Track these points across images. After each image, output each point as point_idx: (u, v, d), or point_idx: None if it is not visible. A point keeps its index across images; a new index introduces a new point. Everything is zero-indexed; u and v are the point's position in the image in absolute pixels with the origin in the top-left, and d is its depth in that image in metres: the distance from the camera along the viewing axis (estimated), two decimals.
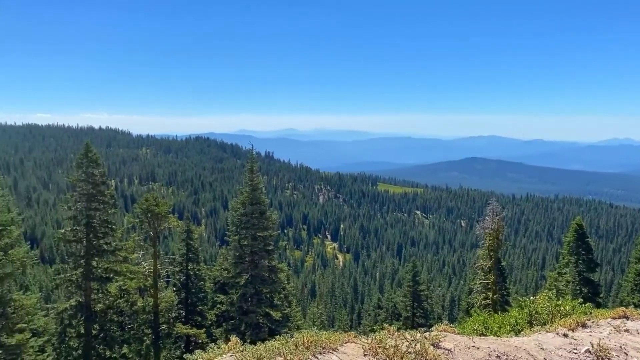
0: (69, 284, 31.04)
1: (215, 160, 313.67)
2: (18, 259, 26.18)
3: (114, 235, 31.41)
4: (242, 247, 35.27)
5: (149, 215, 33.08)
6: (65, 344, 31.00)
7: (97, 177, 30.80)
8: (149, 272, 33.82)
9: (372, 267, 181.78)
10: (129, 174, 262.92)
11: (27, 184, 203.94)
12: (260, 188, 35.89)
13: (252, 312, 34.50)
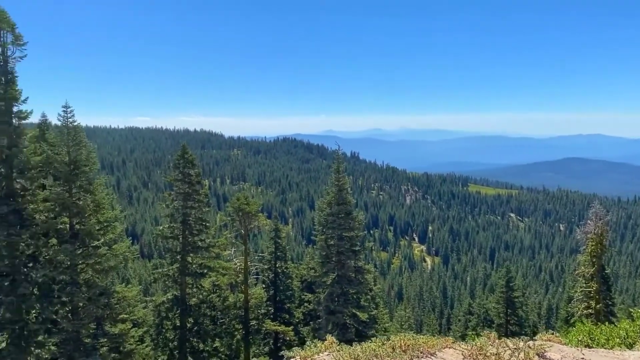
0: (166, 278, 32.73)
1: (302, 161, 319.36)
2: (121, 253, 28.00)
3: (207, 233, 32.70)
4: (329, 247, 35.34)
5: (240, 213, 34.10)
6: (162, 336, 32.73)
7: (192, 177, 32.22)
8: (240, 268, 34.85)
9: (462, 271, 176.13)
10: (221, 174, 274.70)
11: (129, 183, 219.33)
12: (346, 188, 35.79)
13: (339, 312, 34.47)
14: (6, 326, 25.35)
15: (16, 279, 25.60)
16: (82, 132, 28.46)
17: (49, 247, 26.42)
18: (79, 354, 26.19)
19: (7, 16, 26.32)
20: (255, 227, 36.39)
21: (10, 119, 26.75)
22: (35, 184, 27.52)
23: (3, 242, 25.63)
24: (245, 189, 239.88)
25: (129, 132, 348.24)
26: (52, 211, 27.12)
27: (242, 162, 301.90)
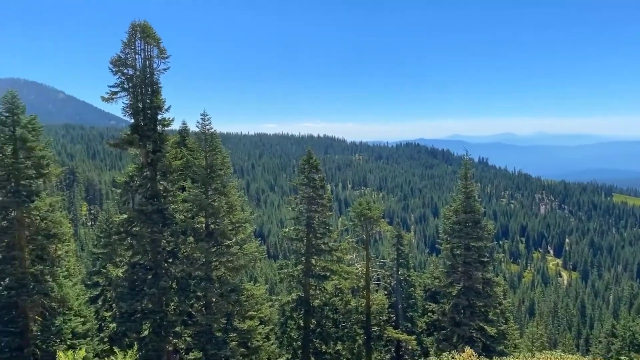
0: (291, 278, 33.74)
1: (426, 167, 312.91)
2: (250, 252, 29.39)
3: (330, 236, 33.17)
4: (455, 256, 33.97)
5: (362, 218, 34.09)
6: (286, 335, 33.76)
7: (317, 182, 32.90)
8: (362, 273, 34.80)
9: (604, 289, 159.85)
10: (343, 179, 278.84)
11: (257, 186, 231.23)
12: (474, 196, 34.18)
13: (465, 325, 32.94)
14: (149, 316, 27.82)
15: (158, 273, 28.02)
16: (218, 139, 30.41)
17: (187, 244, 28.56)
18: (211, 346, 27.90)
19: (153, 32, 29.01)
20: (376, 232, 36.17)
21: (155, 126, 29.43)
22: (176, 186, 29.96)
23: (148, 239, 28.22)
24: (367, 194, 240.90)
25: (257, 138, 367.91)
26: (190, 211, 29.30)
27: (364, 167, 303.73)
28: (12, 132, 26.70)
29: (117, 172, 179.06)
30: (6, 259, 26.34)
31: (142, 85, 28.82)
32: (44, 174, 27.95)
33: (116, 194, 31.38)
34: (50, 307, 27.80)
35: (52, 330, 27.17)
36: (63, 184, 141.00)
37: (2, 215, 26.78)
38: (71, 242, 30.94)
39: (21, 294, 25.83)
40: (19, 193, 26.46)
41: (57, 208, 28.66)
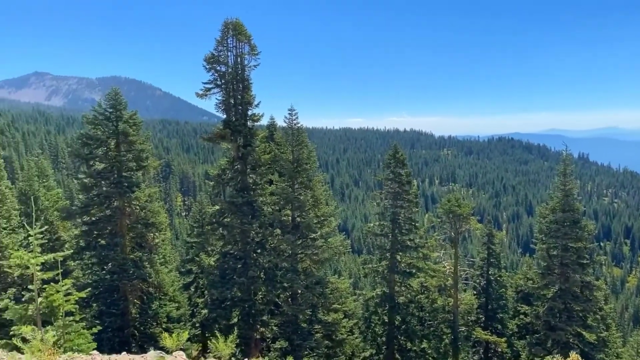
0: (375, 274, 33.45)
1: (519, 162, 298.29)
2: (335, 246, 29.47)
3: (416, 233, 32.46)
4: (551, 257, 31.96)
5: (450, 215, 32.99)
6: (371, 330, 33.55)
7: (403, 177, 32.29)
8: (449, 272, 33.74)
9: None
10: (430, 174, 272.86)
11: (341, 181, 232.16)
12: (573, 193, 31.91)
13: (560, 330, 30.95)
14: (238, 304, 28.77)
15: (247, 262, 28.87)
16: (304, 133, 30.71)
17: (274, 236, 29.17)
18: (296, 336, 28.36)
19: (244, 29, 29.78)
20: (465, 230, 34.85)
21: (246, 121, 30.29)
22: (264, 179, 30.68)
23: (238, 229, 29.15)
24: (455, 190, 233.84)
25: (342, 132, 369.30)
26: (277, 204, 29.88)
27: (452, 162, 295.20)
28: (115, 127, 28.59)
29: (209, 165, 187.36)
30: (109, 245, 28.33)
31: (234, 82, 29.72)
32: (144, 167, 29.71)
33: (209, 186, 32.73)
34: (148, 291, 29.59)
35: (150, 314, 28.92)
36: (160, 176, 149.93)
37: (105, 204, 28.80)
38: (167, 231, 32.71)
39: (122, 278, 27.68)
40: (121, 184, 28.31)
41: (155, 199, 30.39)
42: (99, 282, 27.65)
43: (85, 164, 29.61)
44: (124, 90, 31.40)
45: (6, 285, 26.53)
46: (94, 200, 28.72)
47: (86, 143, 28.85)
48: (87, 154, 28.84)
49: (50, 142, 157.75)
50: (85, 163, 29.47)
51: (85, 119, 29.53)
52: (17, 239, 28.22)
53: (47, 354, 7.31)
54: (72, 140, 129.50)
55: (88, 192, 29.13)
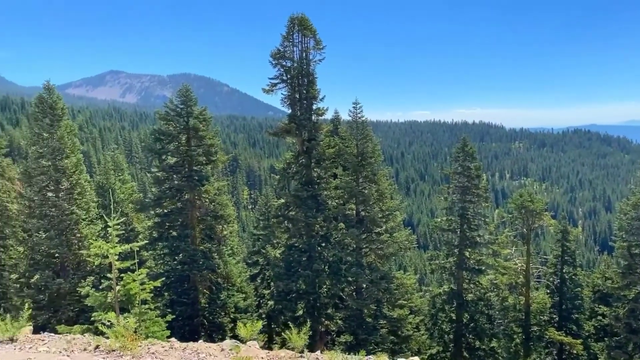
0: (442, 270, 32.69)
1: (597, 155, 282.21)
2: (400, 241, 29.04)
3: (486, 229, 31.43)
4: (632, 256, 29.95)
5: (522, 211, 31.65)
6: (437, 327, 32.86)
7: (472, 171, 31.30)
8: (521, 269, 32.43)
9: None
10: (500, 168, 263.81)
11: (406, 175, 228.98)
12: None
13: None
14: (303, 296, 29.03)
15: (312, 255, 29.04)
16: (369, 127, 30.44)
17: (338, 230, 29.16)
18: (361, 331, 28.26)
19: (310, 24, 29.85)
20: (538, 226, 33.35)
21: (311, 115, 30.40)
22: (329, 173, 30.71)
23: (302, 223, 29.36)
24: (527, 184, 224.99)
25: (408, 125, 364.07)
26: (342, 198, 29.84)
27: (524, 155, 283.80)
28: (186, 123, 29.56)
29: (274, 159, 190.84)
30: (181, 237, 29.39)
31: (299, 76, 29.90)
32: (213, 161, 30.57)
33: (274, 180, 33.18)
34: (217, 282, 30.47)
35: (218, 303, 29.77)
36: (227, 170, 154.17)
37: (177, 197, 29.89)
38: (234, 224, 33.52)
39: (192, 269, 28.64)
40: (192, 177, 29.27)
41: (223, 192, 31.19)
42: (171, 272, 28.72)
43: (157, 158, 30.86)
44: (193, 87, 32.34)
45: (86, 273, 28.18)
46: (166, 193, 29.89)
47: (159, 138, 30.04)
48: (159, 148, 30.05)
49: (125, 138, 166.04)
50: (158, 157, 30.71)
51: (158, 115, 30.75)
52: (95, 230, 29.88)
53: (129, 340, 7.63)
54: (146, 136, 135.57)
55: (160, 185, 30.35)
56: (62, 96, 31.35)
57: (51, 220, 28.62)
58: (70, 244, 29.00)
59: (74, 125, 31.93)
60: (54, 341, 7.97)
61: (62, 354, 7.23)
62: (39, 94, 30.22)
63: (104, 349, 7.74)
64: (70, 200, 29.27)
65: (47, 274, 28.23)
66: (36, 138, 29.79)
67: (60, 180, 29.41)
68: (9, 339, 7.56)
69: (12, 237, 35.12)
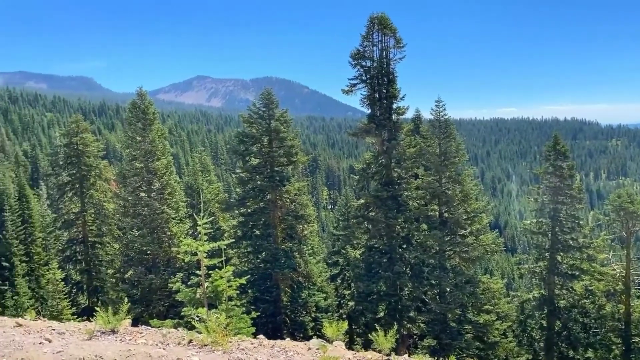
0: (532, 275, 31.04)
1: None
2: (487, 244, 27.91)
3: (580, 232, 29.43)
4: None
5: (621, 213, 29.33)
6: (527, 334, 31.25)
7: (564, 170, 29.46)
8: (620, 275, 30.09)
9: None
10: (595, 167, 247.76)
11: (492, 175, 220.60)
12: None
13: None
14: (384, 298, 28.70)
15: (392, 257, 28.64)
16: (452, 125, 29.55)
17: (420, 231, 28.54)
18: (445, 335, 27.47)
19: (390, 22, 29.49)
20: (639, 230, 30.80)
21: (391, 115, 30.01)
22: (409, 173, 30.16)
23: (383, 224, 29.05)
24: (627, 184, 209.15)
25: (493, 123, 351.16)
26: (424, 199, 29.19)
27: (622, 153, 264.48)
28: (268, 125, 30.27)
29: (354, 159, 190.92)
30: (263, 236, 30.11)
31: (379, 76, 29.66)
32: (293, 162, 31.07)
33: (354, 180, 33.14)
34: (298, 280, 30.89)
35: (299, 302, 30.14)
36: (307, 171, 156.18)
37: (260, 197, 30.65)
38: (315, 224, 33.81)
39: (274, 267, 29.21)
40: (273, 178, 29.89)
41: (304, 192, 31.58)
42: (254, 269, 29.45)
43: (241, 159, 31.84)
44: (274, 90, 33.09)
45: (175, 269, 29.57)
46: (249, 193, 30.77)
47: (242, 140, 31.00)
48: (243, 150, 30.99)
49: (211, 140, 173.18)
50: (242, 159, 31.68)
51: (242, 118, 31.74)
52: (184, 228, 31.32)
53: (220, 335, 7.86)
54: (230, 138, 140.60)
55: (244, 185, 31.28)
56: (153, 101, 33.18)
57: (144, 219, 30.31)
58: (161, 241, 30.58)
59: (164, 129, 33.72)
60: (150, 334, 8.35)
61: (159, 346, 7.55)
62: (132, 100, 32.18)
63: (196, 343, 8.00)
64: (161, 200, 30.90)
65: (140, 269, 29.96)
66: (130, 141, 31.75)
67: (152, 181, 31.13)
68: (110, 330, 8.02)
69: (109, 234, 37.69)
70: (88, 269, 41.19)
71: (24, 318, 9.36)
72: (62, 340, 7.38)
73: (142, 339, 7.80)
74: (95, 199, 40.27)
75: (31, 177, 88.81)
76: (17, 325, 8.05)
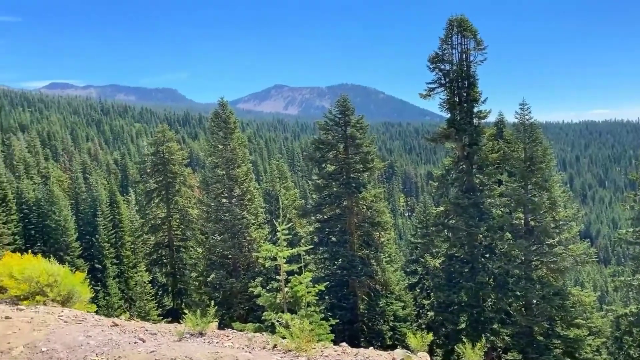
0: (628, 288, 28.79)
1: None
2: (577, 254, 26.23)
3: None
4: None
5: None
6: (623, 352, 28.97)
7: None
8: None
9: None
10: None
11: (583, 181, 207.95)
12: None
13: None
14: (465, 309, 27.70)
15: (474, 267, 27.60)
16: (538, 129, 28.13)
17: (504, 240, 27.29)
18: (531, 349, 26.03)
19: (470, 24, 28.65)
20: None
21: (471, 119, 29.08)
22: (492, 180, 28.99)
23: (464, 232, 28.09)
24: None
25: (583, 126, 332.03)
26: (508, 206, 27.93)
27: None
28: (344, 131, 30.30)
29: (431, 166, 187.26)
30: (340, 242, 30.09)
31: (459, 79, 28.93)
32: (370, 168, 30.88)
33: (432, 187, 32.35)
34: (375, 288, 30.55)
35: (377, 310, 29.79)
36: (383, 177, 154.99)
37: (336, 203, 30.70)
38: (391, 231, 33.36)
39: (351, 274, 29.07)
40: (350, 185, 29.85)
41: (380, 199, 31.24)
42: (330, 276, 29.46)
43: (317, 166, 32.09)
44: (350, 97, 33.10)
45: (254, 274, 30.24)
46: (325, 200, 30.90)
47: (319, 147, 31.24)
48: (319, 157, 31.22)
49: (287, 147, 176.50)
50: (318, 165, 31.92)
51: (318, 125, 32.01)
52: (263, 233, 32.00)
53: (304, 341, 7.87)
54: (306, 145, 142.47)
55: (320, 192, 31.46)
56: (234, 111, 34.28)
57: (225, 224, 31.29)
58: (242, 246, 31.42)
59: (244, 137, 34.72)
60: (237, 337, 8.50)
61: (245, 350, 7.66)
62: (214, 110, 33.42)
63: (280, 348, 8.04)
64: (241, 206, 31.79)
65: (221, 273, 30.90)
66: (212, 149, 32.95)
67: (233, 187, 32.11)
68: (198, 332, 8.25)
69: (193, 239, 39.27)
70: (173, 272, 43.16)
71: (119, 318, 9.85)
72: (154, 340, 7.68)
73: (228, 342, 7.95)
74: (180, 205, 42.20)
75: (121, 184, 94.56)
76: (114, 325, 8.48)
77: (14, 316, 8.40)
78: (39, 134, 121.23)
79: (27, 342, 7.24)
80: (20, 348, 7.06)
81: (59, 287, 10.32)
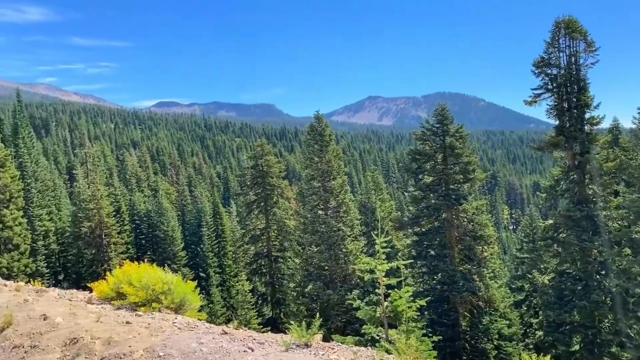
0: None
1: None
2: None
3: None
4: None
5: None
6: None
7: None
8: None
9: None
10: None
11: None
12: None
13: None
14: (578, 329, 25.63)
15: (589, 284, 25.51)
16: None
17: (623, 256, 25.00)
18: None
19: (579, 25, 26.84)
20: None
21: (582, 126, 27.09)
22: (608, 190, 26.74)
23: (576, 247, 26.10)
24: None
25: None
26: (626, 219, 25.58)
27: None
28: (442, 141, 29.51)
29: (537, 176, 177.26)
30: (439, 256, 29.16)
31: (567, 84, 27.23)
32: (470, 179, 29.75)
33: (540, 199, 30.56)
34: (478, 305, 29.20)
35: (480, 328, 28.43)
36: (485, 188, 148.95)
37: (434, 216, 29.86)
38: (495, 245, 31.84)
39: (452, 290, 28.01)
40: (449, 196, 28.91)
41: (482, 211, 29.99)
42: (430, 291, 28.61)
43: (414, 177, 31.50)
44: (448, 105, 32.20)
45: (351, 286, 30.13)
46: (423, 212, 30.18)
47: (415, 158, 30.66)
48: (416, 168, 30.63)
49: (382, 159, 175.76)
50: (414, 177, 31.34)
51: (415, 136, 31.46)
52: (359, 246, 31.87)
53: (411, 357, 7.65)
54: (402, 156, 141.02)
55: (417, 204, 30.81)
56: (329, 124, 34.67)
57: (321, 235, 31.55)
58: (338, 258, 31.48)
59: (338, 149, 34.95)
60: (342, 350, 8.44)
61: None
62: (310, 123, 34.02)
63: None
64: (337, 218, 31.92)
65: (318, 284, 31.13)
66: (308, 162, 33.50)
67: (328, 199, 32.37)
68: (304, 344, 8.28)
69: (290, 249, 40.05)
70: (272, 281, 44.24)
71: (228, 326, 10.18)
72: (262, 349, 7.82)
73: (334, 354, 7.89)
74: (278, 216, 43.28)
75: (223, 196, 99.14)
76: (224, 333, 8.77)
77: (133, 321, 8.99)
78: (149, 150, 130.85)
79: (146, 346, 7.69)
80: (140, 352, 7.51)
81: (172, 295, 10.90)
